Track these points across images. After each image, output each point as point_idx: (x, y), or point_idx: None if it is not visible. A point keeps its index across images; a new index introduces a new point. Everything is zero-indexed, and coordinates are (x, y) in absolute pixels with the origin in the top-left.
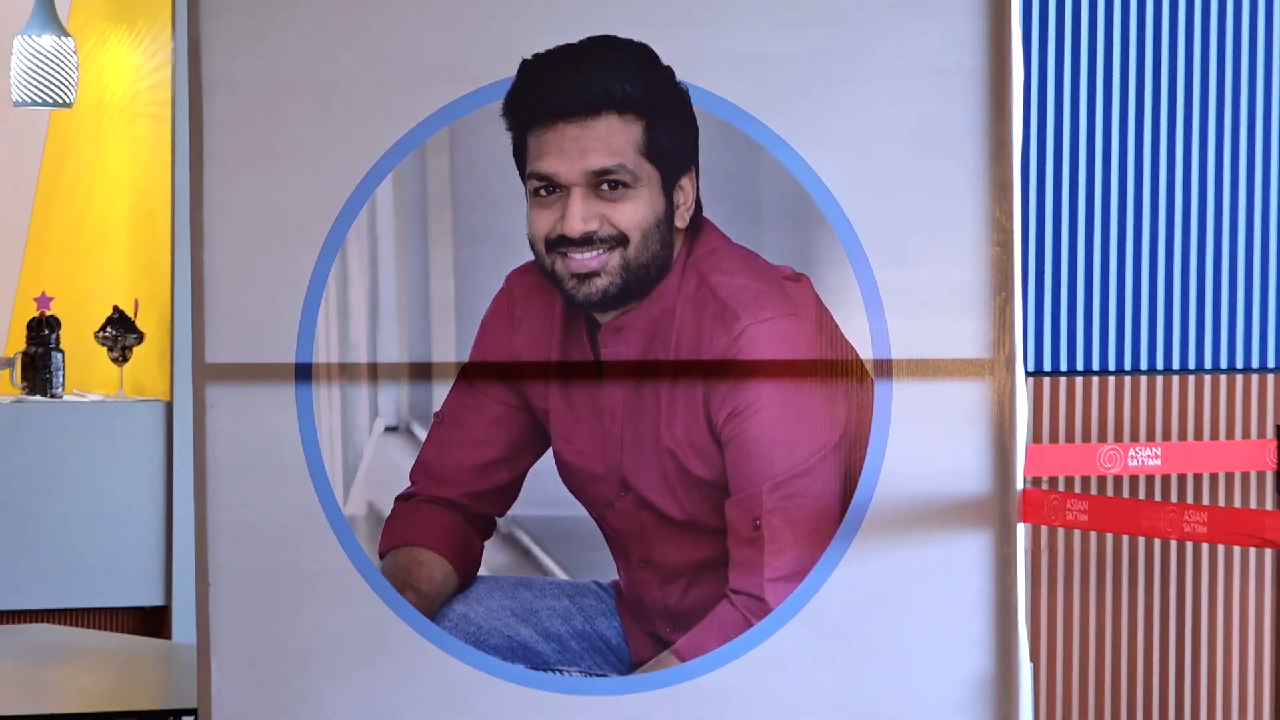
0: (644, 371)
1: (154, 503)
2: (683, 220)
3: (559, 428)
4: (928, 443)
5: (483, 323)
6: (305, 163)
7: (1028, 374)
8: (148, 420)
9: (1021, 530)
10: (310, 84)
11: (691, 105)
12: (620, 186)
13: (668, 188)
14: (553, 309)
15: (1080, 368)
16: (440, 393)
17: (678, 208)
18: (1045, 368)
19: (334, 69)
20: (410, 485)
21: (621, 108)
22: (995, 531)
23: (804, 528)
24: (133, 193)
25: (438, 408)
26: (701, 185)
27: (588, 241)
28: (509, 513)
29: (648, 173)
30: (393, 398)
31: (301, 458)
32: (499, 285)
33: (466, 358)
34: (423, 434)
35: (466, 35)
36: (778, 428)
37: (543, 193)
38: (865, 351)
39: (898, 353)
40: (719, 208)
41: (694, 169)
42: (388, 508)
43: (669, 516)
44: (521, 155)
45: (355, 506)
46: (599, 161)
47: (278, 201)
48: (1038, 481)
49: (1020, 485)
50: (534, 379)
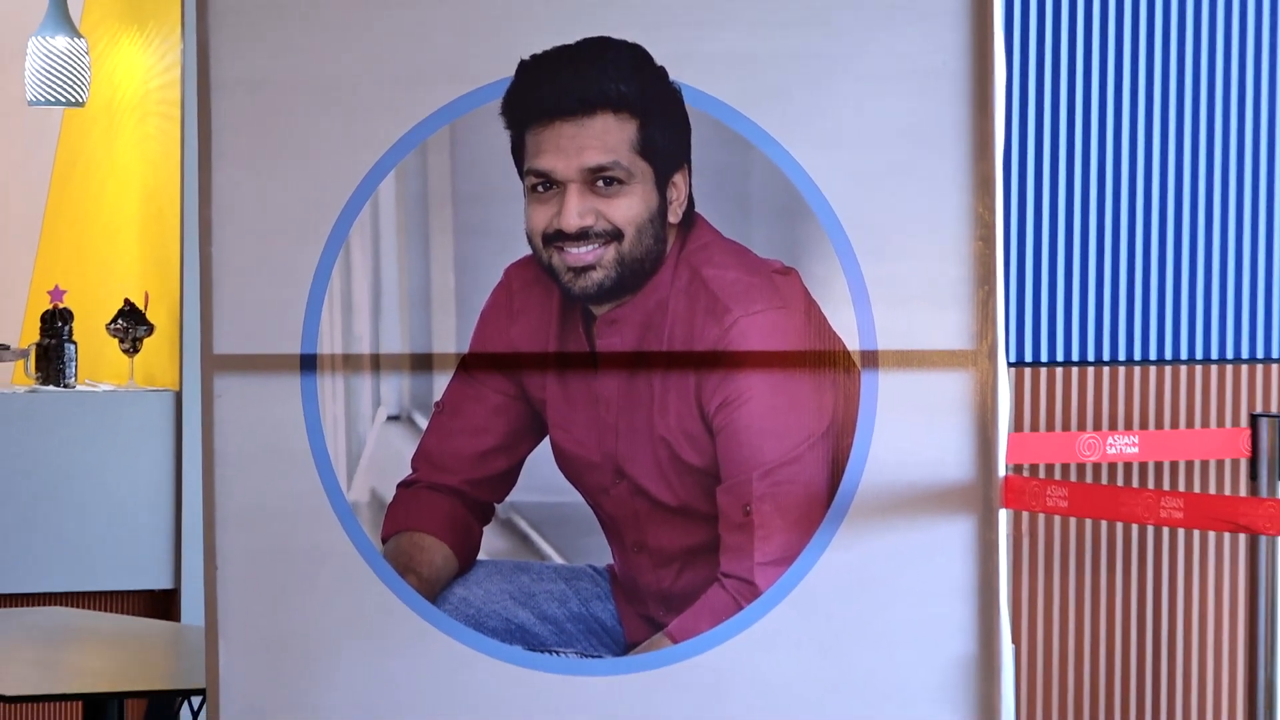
0: (638, 362)
1: (163, 489)
2: (676, 216)
3: (556, 416)
4: (913, 431)
5: (482, 315)
6: (310, 160)
7: (1009, 365)
8: (157, 409)
9: (1003, 516)
10: (315, 84)
11: (684, 104)
12: (615, 183)
13: (661, 184)
14: (550, 302)
15: (1060, 359)
16: (441, 383)
17: (671, 203)
18: (1026, 358)
19: (338, 70)
20: (412, 472)
21: (616, 107)
22: (978, 517)
23: (793, 513)
24: (143, 189)
25: (438, 397)
26: (694, 181)
27: (584, 236)
28: (507, 499)
29: (642, 170)
30: (395, 387)
31: (306, 445)
32: (498, 278)
33: (466, 349)
34: (424, 423)
35: (466, 37)
36: (767, 417)
37: (540, 189)
38: (852, 343)
39: (883, 344)
40: (711, 203)
41: (686, 166)
42: (390, 494)
43: (662, 503)
44: (520, 153)
45: (358, 493)
46: (595, 159)
47: (283, 198)
48: (1019, 469)
49: (1002, 472)
50: (532, 369)
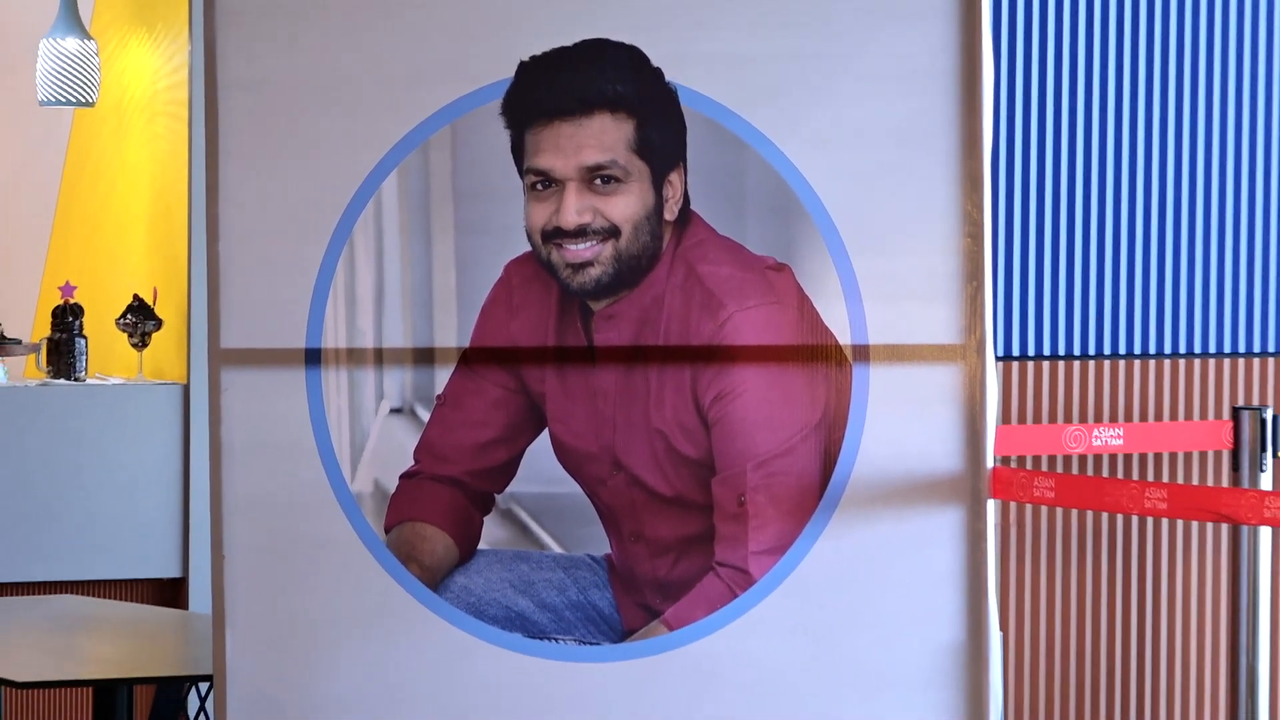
0: (635, 356)
1: (171, 480)
2: (671, 213)
3: (554, 409)
4: (903, 423)
5: (482, 310)
6: (314, 159)
7: (997, 358)
8: (166, 402)
9: (991, 506)
10: (319, 85)
11: (680, 104)
12: (612, 181)
13: (657, 182)
14: (549, 297)
15: (1047, 353)
16: (442, 376)
17: (667, 201)
18: (1014, 352)
19: (342, 71)
20: (414, 464)
21: (614, 107)
22: (967, 507)
23: (786, 504)
24: (152, 187)
25: (440, 391)
26: (689, 180)
27: (582, 233)
28: (507, 490)
29: (638, 168)
30: (397, 381)
31: (311, 438)
32: (498, 275)
33: (467, 343)
34: (426, 415)
35: (467, 39)
36: (761, 409)
37: (539, 187)
38: (844, 337)
39: (874, 338)
40: (706, 201)
41: (682, 164)
42: (393, 485)
43: (658, 493)
44: (519, 152)
45: (362, 484)
46: (593, 158)
47: (289, 195)
48: (1007, 460)
49: (990, 464)
50: (531, 363)
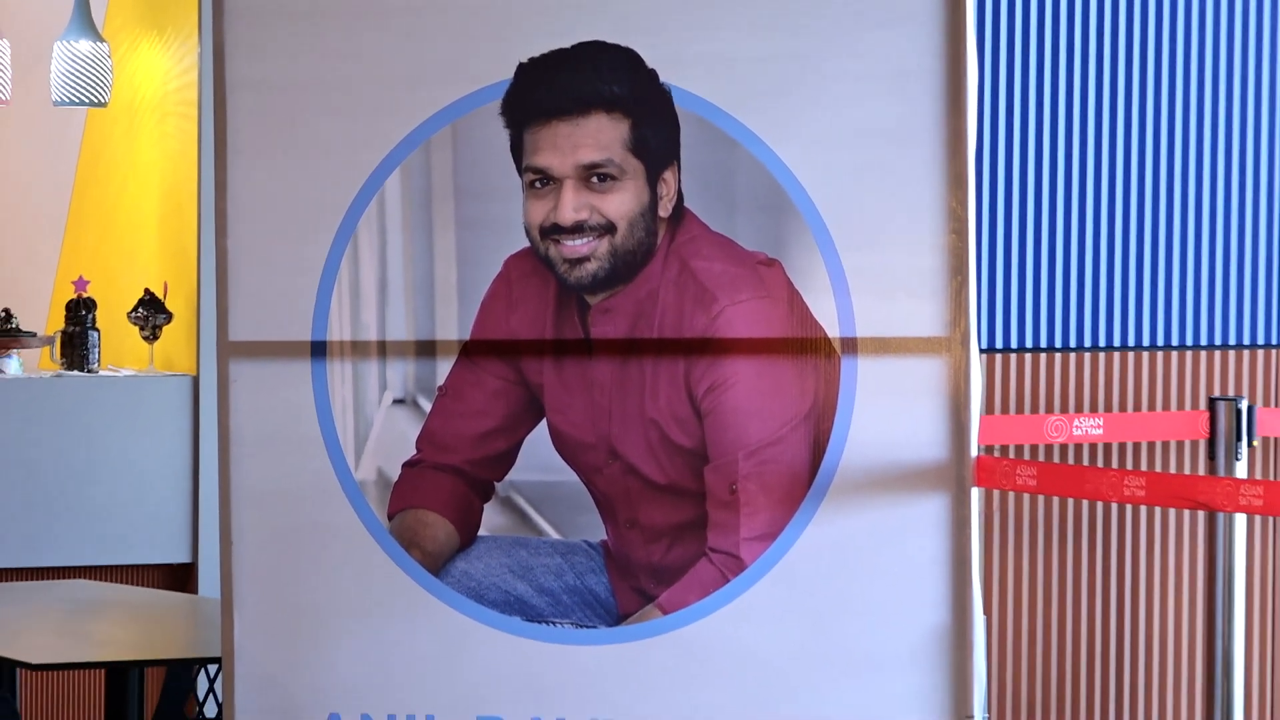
0: (630, 349)
1: (181, 469)
2: (666, 210)
3: (552, 400)
4: (890, 414)
5: (483, 304)
6: (320, 157)
7: (981, 351)
8: (176, 393)
9: (975, 494)
10: (325, 85)
11: (674, 105)
12: (608, 179)
13: (652, 180)
14: (547, 291)
15: (1029, 345)
16: (444, 368)
17: (661, 199)
18: (997, 345)
19: (347, 71)
20: (416, 453)
21: (610, 107)
22: (951, 495)
23: (776, 492)
24: (162, 185)
25: (441, 382)
26: (683, 178)
27: (579, 229)
28: (506, 478)
29: (634, 167)
30: (400, 373)
31: (317, 428)
32: (498, 269)
33: (468, 336)
34: (427, 406)
35: (467, 41)
36: (753, 400)
37: (537, 185)
38: (833, 330)
39: (862, 331)
40: (699, 199)
41: (676, 163)
42: (396, 473)
43: (653, 481)
44: (518, 150)
45: (366, 472)
46: (589, 156)
47: (295, 193)
48: (990, 449)
49: (974, 453)
50: (530, 355)
